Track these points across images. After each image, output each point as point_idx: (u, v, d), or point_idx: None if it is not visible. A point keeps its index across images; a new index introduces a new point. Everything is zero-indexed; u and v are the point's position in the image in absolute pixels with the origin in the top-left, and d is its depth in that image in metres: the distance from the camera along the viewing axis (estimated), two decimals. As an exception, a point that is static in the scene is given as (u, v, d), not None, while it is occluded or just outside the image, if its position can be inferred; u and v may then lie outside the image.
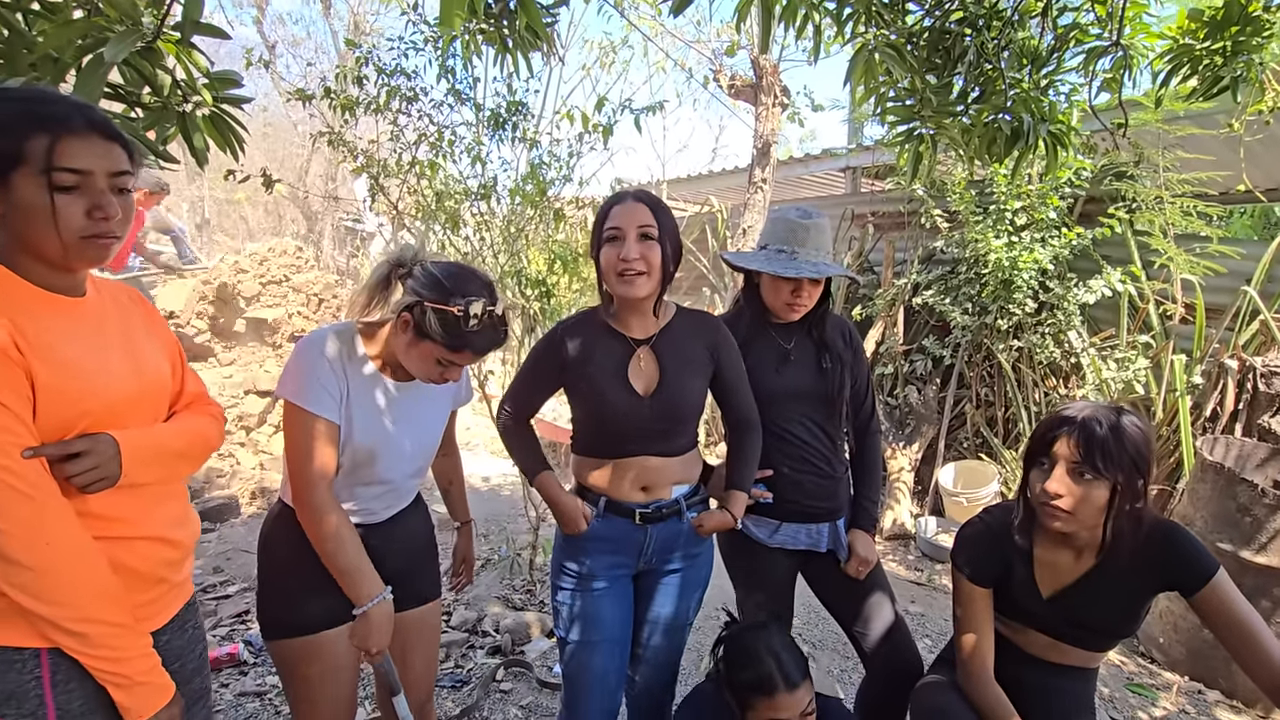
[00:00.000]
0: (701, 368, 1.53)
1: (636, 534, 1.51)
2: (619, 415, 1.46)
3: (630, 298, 1.43)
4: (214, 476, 4.70)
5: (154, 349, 1.17)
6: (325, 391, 1.31)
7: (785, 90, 5.36)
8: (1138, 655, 3.09)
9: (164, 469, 1.12)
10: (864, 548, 1.71)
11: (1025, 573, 1.40)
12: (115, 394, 1.04)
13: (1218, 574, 1.27)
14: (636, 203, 1.43)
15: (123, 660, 1.00)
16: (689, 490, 1.56)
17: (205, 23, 1.32)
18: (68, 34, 1.25)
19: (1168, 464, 3.86)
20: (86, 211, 0.98)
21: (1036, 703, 1.42)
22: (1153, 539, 1.31)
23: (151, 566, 1.09)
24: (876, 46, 1.91)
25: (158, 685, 1.04)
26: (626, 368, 1.48)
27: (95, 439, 1.00)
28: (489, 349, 1.36)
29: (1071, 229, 4.36)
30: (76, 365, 1.00)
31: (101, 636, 0.98)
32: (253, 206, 16.40)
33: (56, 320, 1.01)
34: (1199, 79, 2.14)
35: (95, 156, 0.98)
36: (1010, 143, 2.06)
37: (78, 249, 0.99)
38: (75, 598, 0.96)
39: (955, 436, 4.94)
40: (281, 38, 13.71)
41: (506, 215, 2.99)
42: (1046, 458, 1.31)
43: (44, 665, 0.98)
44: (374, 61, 2.74)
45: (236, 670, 2.50)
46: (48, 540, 0.94)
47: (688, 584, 1.59)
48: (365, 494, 1.42)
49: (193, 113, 1.48)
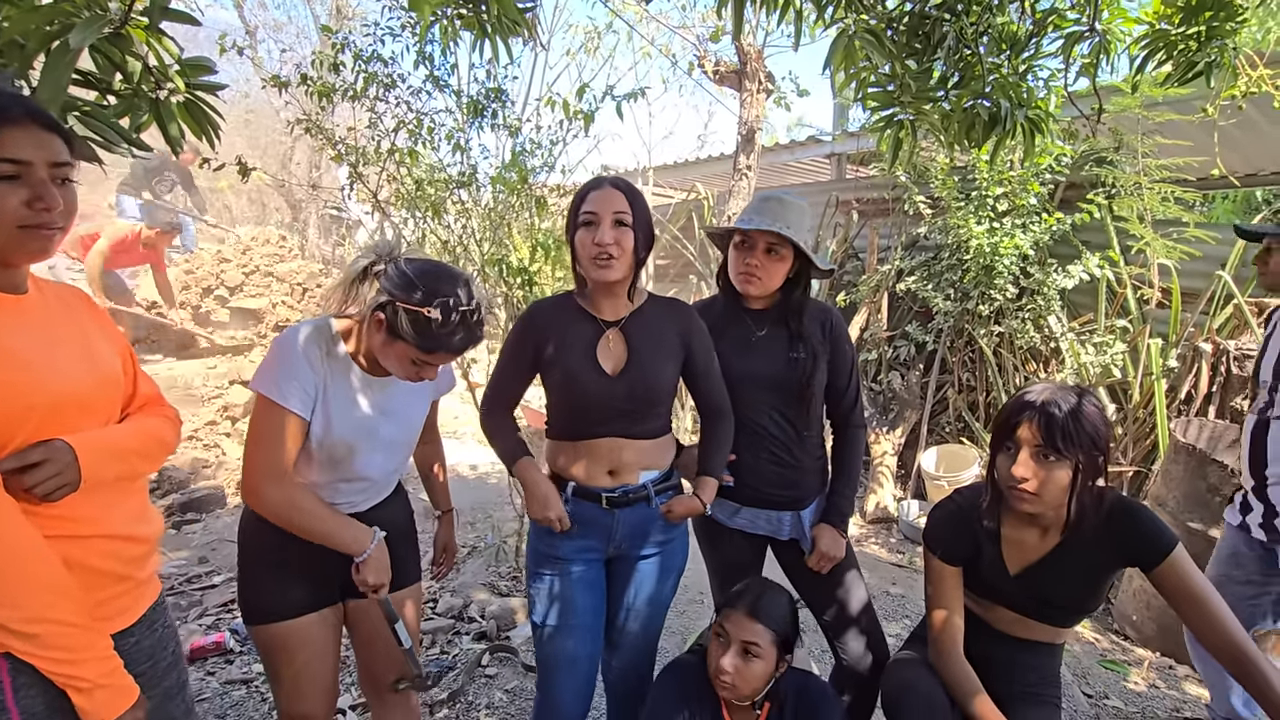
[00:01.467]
0: (672, 352, 1.55)
1: (604, 518, 1.52)
2: (586, 393, 1.48)
3: (603, 281, 1.46)
4: (199, 467, 4.67)
5: (107, 350, 1.14)
6: (297, 386, 1.31)
7: (770, 76, 5.34)
8: (1111, 632, 3.16)
9: (122, 468, 1.09)
10: (828, 543, 1.69)
11: (994, 551, 1.44)
12: (65, 390, 1.02)
13: (1176, 549, 1.31)
14: (613, 189, 1.45)
15: (78, 662, 0.97)
16: (658, 476, 1.57)
17: (174, 9, 1.31)
18: (33, 20, 1.23)
19: (1143, 446, 3.93)
20: (27, 202, 0.96)
21: (1003, 676, 1.46)
22: (1114, 517, 1.35)
23: (112, 564, 1.07)
24: (856, 32, 1.92)
25: (118, 687, 1.01)
26: (595, 347, 1.50)
27: (51, 446, 0.97)
28: (464, 349, 1.35)
29: (1052, 215, 4.40)
30: (24, 360, 0.98)
31: (53, 637, 0.94)
32: (235, 195, 16.16)
33: (3, 317, 0.98)
34: (1174, 64, 2.16)
35: (34, 146, 0.96)
36: (989, 128, 2.08)
37: (16, 240, 0.97)
38: (23, 598, 0.92)
39: (938, 421, 5.00)
40: (263, 22, 13.45)
41: (488, 203, 2.98)
42: (1011, 442, 1.35)
43: (3, 670, 0.95)
44: (351, 47, 2.71)
45: (223, 659, 2.51)
46: None
47: (660, 570, 1.61)
48: (347, 489, 1.43)
49: (166, 100, 1.46)
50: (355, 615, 1.52)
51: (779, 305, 1.73)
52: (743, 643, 1.44)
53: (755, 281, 1.67)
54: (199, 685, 2.34)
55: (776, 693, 1.52)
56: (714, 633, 1.50)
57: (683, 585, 3.19)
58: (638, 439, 1.53)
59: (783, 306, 1.73)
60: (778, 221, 1.62)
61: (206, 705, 2.25)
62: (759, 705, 1.52)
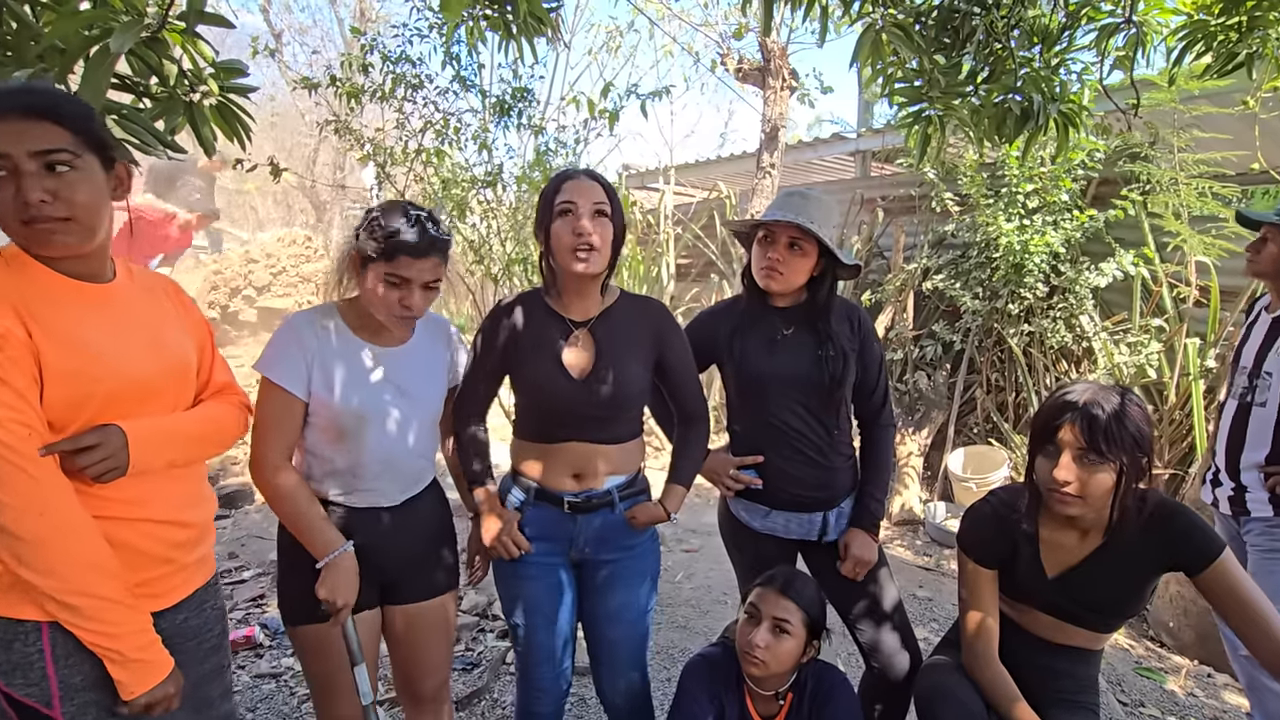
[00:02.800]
0: (642, 353, 1.50)
1: (566, 523, 1.50)
2: (551, 397, 1.44)
3: (581, 274, 1.41)
4: (229, 464, 4.76)
5: (181, 338, 1.19)
6: (290, 364, 1.34)
7: (794, 73, 5.30)
8: (1146, 639, 3.09)
9: (177, 454, 1.14)
10: (860, 548, 1.65)
11: (1031, 553, 1.41)
12: (129, 376, 1.07)
13: (1223, 554, 1.27)
14: (589, 180, 1.42)
15: (116, 636, 1.02)
16: (624, 481, 1.53)
17: (209, 12, 1.33)
18: (74, 25, 1.25)
19: (1179, 449, 3.83)
20: (14, 196, 0.97)
21: (1040, 683, 1.43)
22: (1158, 520, 1.31)
23: (157, 547, 1.12)
24: (884, 27, 1.89)
25: (153, 662, 1.06)
26: (561, 350, 1.46)
27: (104, 431, 1.03)
28: (425, 249, 1.34)
29: (1084, 211, 4.31)
30: (91, 347, 1.03)
31: (93, 610, 1.00)
32: (262, 196, 16.44)
33: (75, 306, 1.04)
34: (1214, 55, 2.10)
35: (11, 137, 0.95)
36: (1020, 123, 2.04)
37: (23, 234, 0.99)
38: (67, 570, 0.98)
39: (965, 422, 4.92)
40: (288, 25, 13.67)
41: (513, 203, 2.99)
42: (1052, 444, 1.30)
43: (45, 639, 1.01)
44: (379, 49, 2.74)
45: (253, 653, 2.55)
46: (41, 512, 0.96)
47: (629, 575, 1.55)
48: (374, 474, 1.42)
49: (200, 102, 1.49)
50: (397, 620, 1.51)
51: (805, 303, 1.70)
52: (774, 619, 1.45)
53: (777, 277, 1.64)
54: (230, 676, 2.38)
55: (799, 683, 1.52)
56: (745, 612, 1.51)
57: (706, 585, 3.19)
58: (606, 444, 1.49)
59: (809, 305, 1.69)
60: (800, 215, 1.59)
61: (237, 698, 2.29)
62: (782, 696, 1.52)
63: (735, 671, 1.54)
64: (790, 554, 1.78)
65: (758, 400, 1.67)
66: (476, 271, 3.13)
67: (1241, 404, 1.95)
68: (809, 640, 1.49)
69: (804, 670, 1.53)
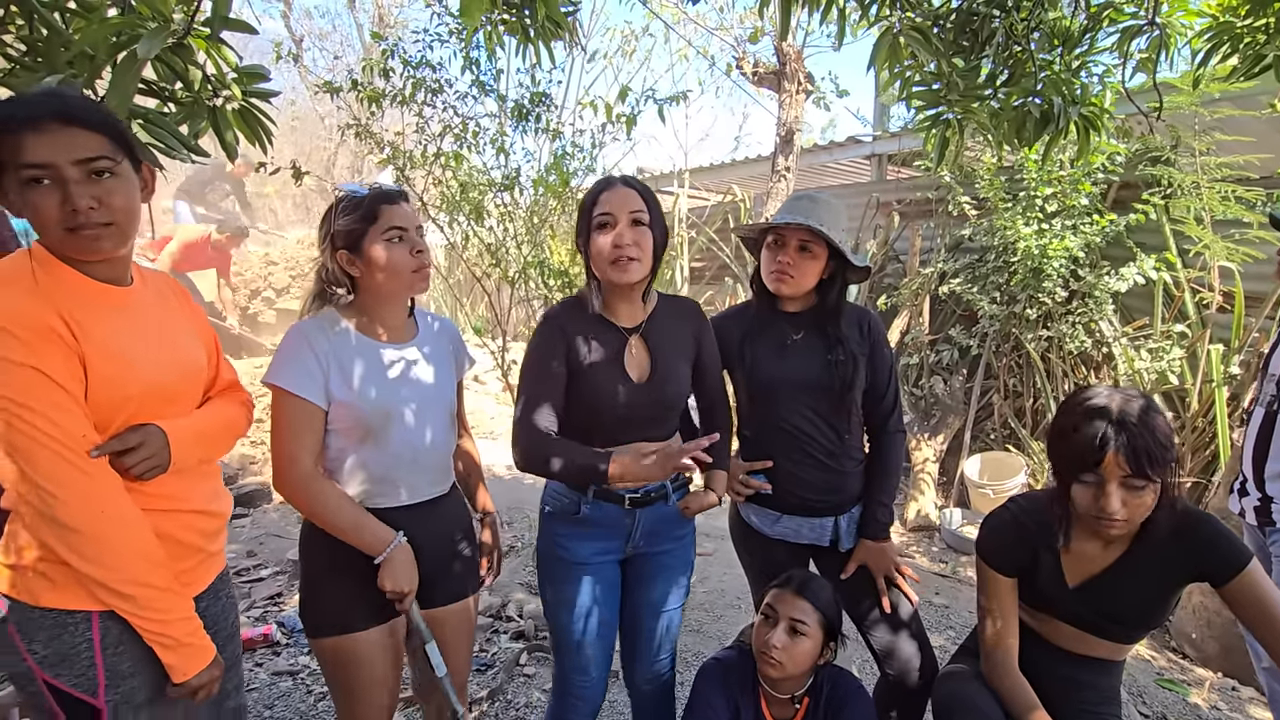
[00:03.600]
0: (688, 353, 1.55)
1: (625, 518, 1.51)
2: (617, 405, 1.45)
3: (622, 284, 1.42)
4: (247, 464, 4.81)
5: (192, 340, 1.22)
6: (305, 372, 1.32)
7: (809, 76, 5.29)
8: (1168, 650, 3.04)
9: (203, 451, 1.19)
10: (874, 560, 1.66)
11: (1052, 562, 1.38)
12: (157, 381, 1.11)
13: (1251, 564, 1.25)
14: (626, 188, 1.42)
15: (168, 622, 1.07)
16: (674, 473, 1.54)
17: (234, 18, 1.35)
18: (103, 31, 1.28)
19: (1202, 457, 3.77)
20: (59, 203, 0.99)
21: (1062, 694, 1.41)
22: (1184, 528, 1.28)
23: (192, 537, 1.17)
24: (902, 29, 1.88)
25: (200, 646, 1.11)
26: (622, 357, 1.47)
27: (146, 431, 1.08)
28: (396, 195, 1.40)
29: (1104, 215, 4.26)
30: (125, 353, 1.06)
31: (148, 599, 1.05)
32: (281, 199, 16.65)
33: (106, 310, 1.06)
34: (1240, 58, 2.07)
35: (56, 147, 0.97)
36: (1040, 126, 2.02)
37: (64, 242, 1.01)
38: (125, 562, 1.03)
39: (982, 427, 4.88)
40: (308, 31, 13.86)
41: (530, 206, 3.01)
42: (1093, 475, 1.24)
43: (94, 628, 1.05)
44: (399, 54, 2.77)
45: (270, 650, 2.58)
46: (100, 509, 1.01)
47: (676, 566, 1.60)
48: (406, 471, 1.41)
49: (223, 107, 1.51)
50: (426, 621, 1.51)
51: (815, 308, 1.70)
52: (791, 620, 1.45)
53: (788, 280, 1.63)
54: (248, 676, 2.40)
55: (816, 686, 1.52)
56: (761, 613, 1.51)
57: (719, 590, 3.17)
58: (657, 441, 1.50)
59: (819, 309, 1.69)
60: (810, 218, 1.59)
61: (255, 695, 2.31)
62: (798, 700, 1.51)
63: (751, 674, 1.54)
64: (802, 560, 1.77)
65: (768, 405, 1.67)
66: (493, 274, 3.15)
67: (1269, 413, 1.90)
68: (825, 642, 1.49)
69: (820, 674, 1.52)
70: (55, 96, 1.01)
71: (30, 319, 0.97)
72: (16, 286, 0.99)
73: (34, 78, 1.36)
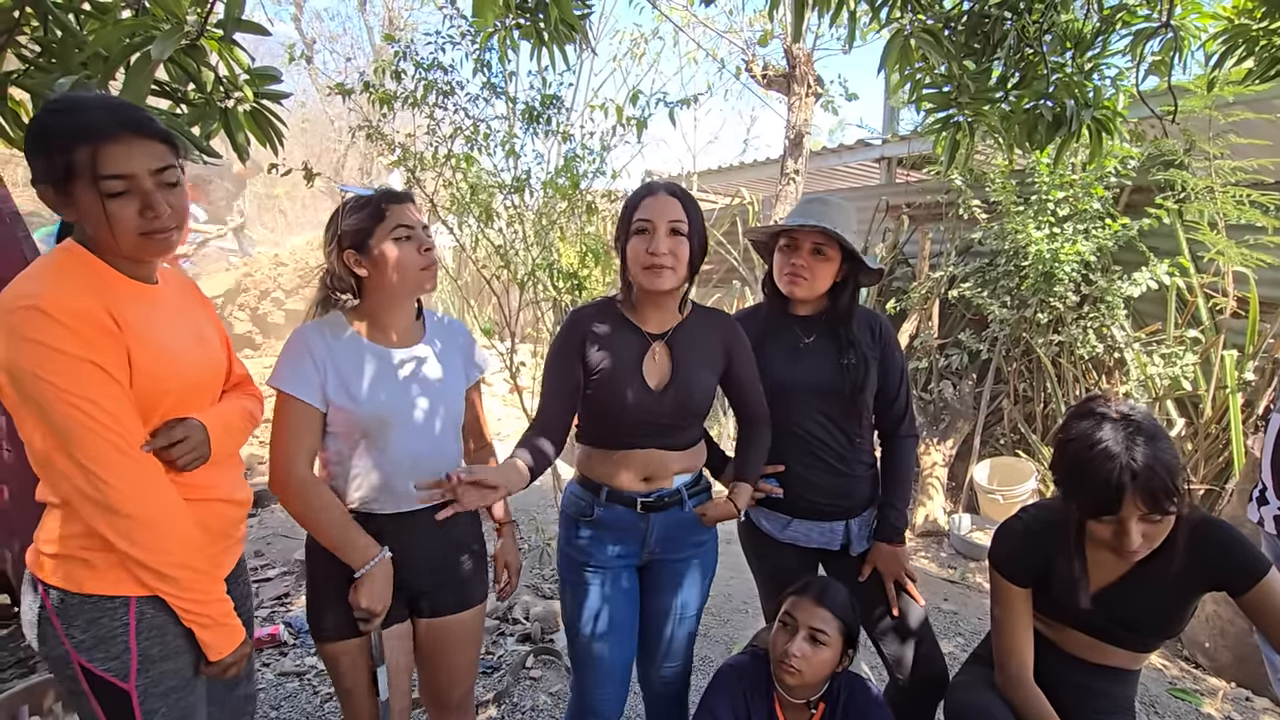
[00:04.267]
0: (714, 364, 1.53)
1: (639, 522, 1.51)
2: (630, 408, 1.45)
3: (654, 290, 1.42)
4: (255, 464, 4.84)
5: (213, 334, 1.28)
6: (302, 375, 1.35)
7: (819, 80, 5.28)
8: (1181, 659, 3.00)
9: (231, 442, 1.25)
10: (887, 562, 1.65)
11: (1066, 572, 1.37)
12: (192, 375, 1.17)
13: (1269, 573, 1.23)
14: (669, 196, 1.42)
15: (206, 603, 1.13)
16: (690, 479, 1.56)
17: (246, 20, 1.35)
18: (116, 33, 1.29)
19: (1216, 464, 3.73)
20: (139, 211, 1.05)
21: (1076, 703, 1.39)
22: (1199, 538, 1.27)
23: (222, 523, 1.23)
24: (913, 32, 1.87)
25: (234, 626, 1.17)
26: (641, 362, 1.47)
27: (189, 425, 1.14)
28: (402, 195, 1.42)
29: (1116, 220, 4.22)
30: (164, 348, 1.12)
31: (190, 581, 1.10)
32: (291, 201, 16.77)
33: (143, 306, 1.11)
34: (1255, 60, 2.05)
35: (136, 158, 1.04)
36: (1052, 130, 2.00)
37: (139, 246, 1.08)
38: (171, 545, 1.08)
39: (991, 432, 4.84)
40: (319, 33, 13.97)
41: (539, 208, 3.01)
42: (1112, 517, 1.22)
43: (131, 613, 1.10)
44: (411, 56, 2.78)
45: (277, 650, 2.58)
46: (146, 494, 1.06)
47: (695, 572, 1.59)
48: (399, 472, 1.39)
49: (234, 108, 1.52)
50: (424, 633, 1.50)
51: (826, 311, 1.69)
52: (811, 629, 1.44)
53: (802, 282, 1.63)
54: (255, 676, 2.40)
55: (831, 693, 1.50)
56: (779, 621, 1.50)
57: (726, 594, 3.16)
58: (676, 449, 1.51)
59: (830, 312, 1.68)
60: (823, 220, 1.58)
61: (262, 695, 2.31)
62: (814, 705, 1.50)
63: (765, 678, 1.53)
64: (811, 564, 1.76)
65: (780, 408, 1.66)
66: (502, 276, 3.15)
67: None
68: (844, 649, 1.48)
69: (837, 680, 1.51)
70: (121, 107, 1.07)
71: (81, 312, 1.01)
72: (66, 282, 1.03)
73: (48, 79, 1.37)
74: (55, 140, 1.01)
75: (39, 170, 1.04)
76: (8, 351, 0.99)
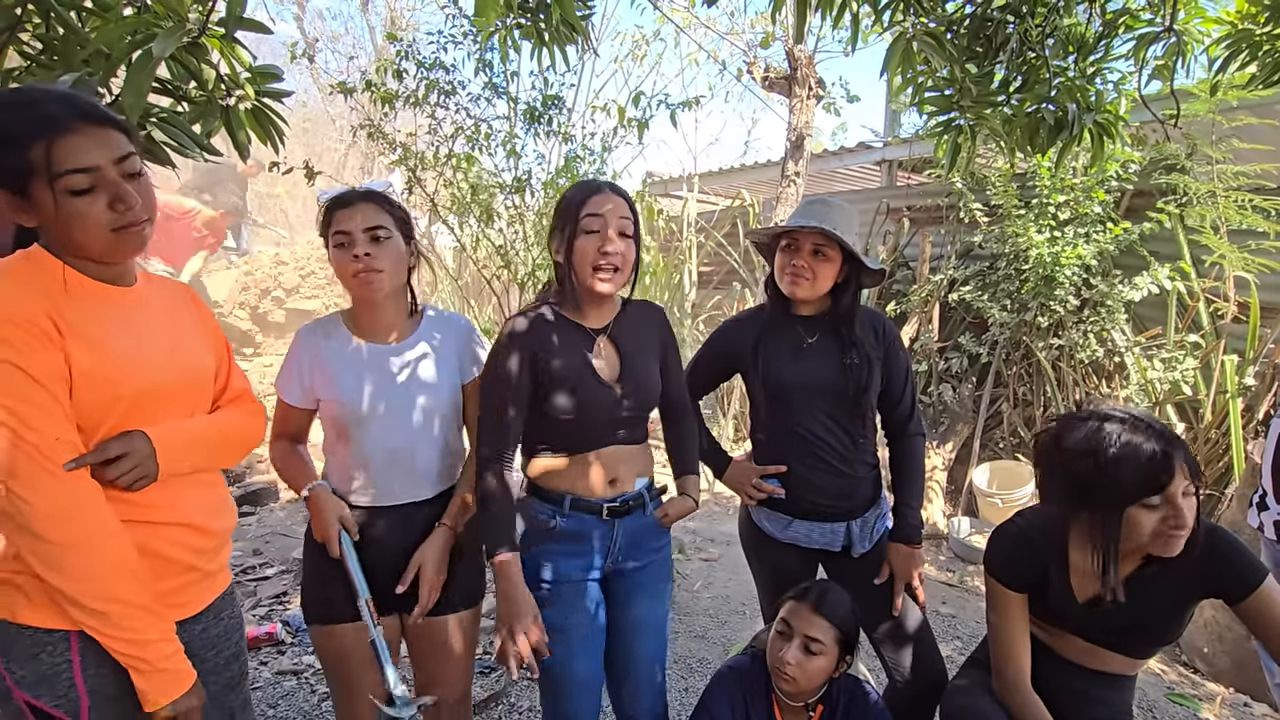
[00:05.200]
0: (655, 354, 1.54)
1: (604, 529, 1.46)
2: (589, 405, 1.41)
3: (603, 292, 1.40)
4: (255, 462, 4.84)
5: (198, 345, 1.18)
6: (288, 375, 1.46)
7: (820, 82, 5.28)
8: (1179, 665, 3.00)
9: (200, 458, 1.13)
10: (902, 564, 1.63)
11: (1061, 578, 1.37)
12: (150, 381, 1.05)
13: (1266, 581, 1.23)
14: (615, 196, 1.40)
15: (141, 644, 0.99)
16: (647, 482, 1.54)
17: (248, 18, 1.35)
18: (118, 30, 1.29)
19: (1216, 469, 3.73)
20: (109, 205, 0.97)
21: (1074, 708, 1.38)
22: (1197, 544, 1.26)
23: (180, 553, 1.09)
24: (915, 35, 1.87)
25: (176, 672, 1.02)
26: (590, 358, 1.45)
27: (130, 439, 1.01)
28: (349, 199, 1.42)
29: (1117, 224, 4.22)
30: (116, 351, 1.02)
31: (120, 616, 0.97)
32: (292, 200, 16.76)
33: (102, 309, 1.02)
34: (1258, 65, 2.05)
35: (97, 148, 0.96)
36: (1053, 133, 2.00)
37: (111, 245, 1.00)
38: (97, 574, 0.95)
39: (991, 436, 4.84)
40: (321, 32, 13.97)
41: (540, 208, 3.01)
42: (1159, 495, 1.20)
43: (74, 649, 0.99)
44: (413, 55, 2.78)
45: (275, 649, 2.58)
46: (71, 516, 0.95)
47: (653, 580, 1.55)
48: (376, 466, 1.42)
49: (235, 106, 1.52)
50: (414, 633, 1.50)
51: (829, 312, 1.69)
52: (806, 637, 1.43)
53: (803, 283, 1.63)
54: (252, 674, 2.40)
55: (830, 696, 1.50)
56: (776, 628, 1.49)
57: (724, 595, 3.16)
58: (631, 445, 1.50)
59: (833, 313, 1.68)
60: (824, 222, 1.59)
61: (259, 694, 2.31)
62: (812, 708, 1.50)
63: (764, 680, 1.53)
64: (811, 564, 1.76)
65: (783, 409, 1.66)
66: (502, 276, 3.15)
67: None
68: (841, 656, 1.48)
69: (836, 684, 1.51)
70: (73, 96, 0.98)
71: (9, 315, 0.93)
72: (3, 284, 0.95)
73: (50, 76, 1.37)
74: (5, 139, 0.92)
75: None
76: None
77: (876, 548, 1.70)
